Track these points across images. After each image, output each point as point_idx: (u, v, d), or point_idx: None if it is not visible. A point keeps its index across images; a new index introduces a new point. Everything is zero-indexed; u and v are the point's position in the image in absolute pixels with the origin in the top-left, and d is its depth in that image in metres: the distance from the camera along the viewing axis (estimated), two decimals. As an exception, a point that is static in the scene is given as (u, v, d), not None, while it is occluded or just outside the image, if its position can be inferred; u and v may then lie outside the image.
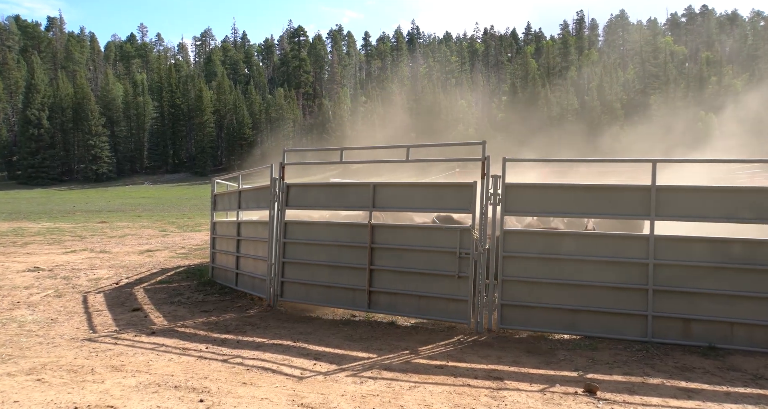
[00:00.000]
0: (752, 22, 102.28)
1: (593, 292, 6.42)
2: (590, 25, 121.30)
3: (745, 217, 6.09)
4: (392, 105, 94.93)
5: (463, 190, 7.05)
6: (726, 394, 4.69)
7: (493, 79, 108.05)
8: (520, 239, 6.77)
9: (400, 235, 7.47)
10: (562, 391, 4.74)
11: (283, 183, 8.34)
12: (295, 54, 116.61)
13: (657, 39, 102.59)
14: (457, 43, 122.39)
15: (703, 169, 9.87)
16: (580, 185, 6.87)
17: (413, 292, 7.17)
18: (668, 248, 6.22)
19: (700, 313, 6.05)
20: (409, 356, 5.74)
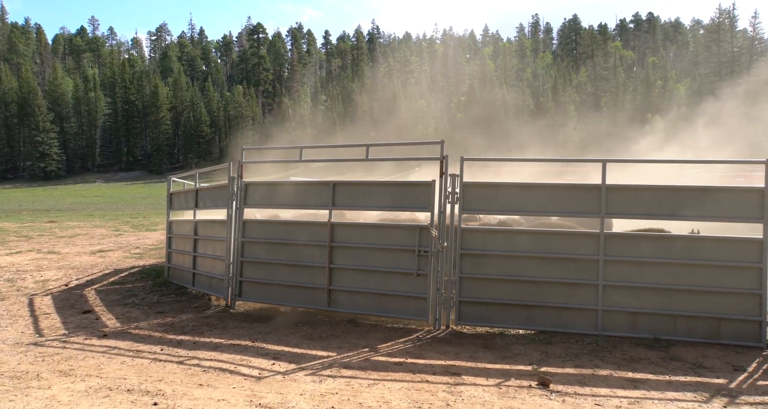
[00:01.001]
0: (693, 30, 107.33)
1: (548, 288, 6.62)
2: (545, 28, 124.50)
3: (687, 214, 6.41)
4: (352, 104, 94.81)
5: (421, 189, 7.13)
6: (668, 382, 4.93)
7: (452, 80, 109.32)
8: (478, 237, 6.91)
9: (359, 233, 7.49)
10: (517, 384, 4.88)
11: (242, 182, 8.24)
12: (255, 51, 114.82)
13: (607, 44, 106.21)
14: (416, 43, 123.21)
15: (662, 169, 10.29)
16: (536, 184, 7.07)
17: (373, 290, 7.21)
18: (617, 244, 6.48)
19: (645, 306, 6.34)
20: (369, 354, 5.77)
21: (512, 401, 4.50)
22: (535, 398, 4.57)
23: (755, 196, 6.18)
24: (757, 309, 6.05)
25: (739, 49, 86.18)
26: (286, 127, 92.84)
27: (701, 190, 6.51)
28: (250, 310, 7.88)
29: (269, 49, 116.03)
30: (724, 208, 6.30)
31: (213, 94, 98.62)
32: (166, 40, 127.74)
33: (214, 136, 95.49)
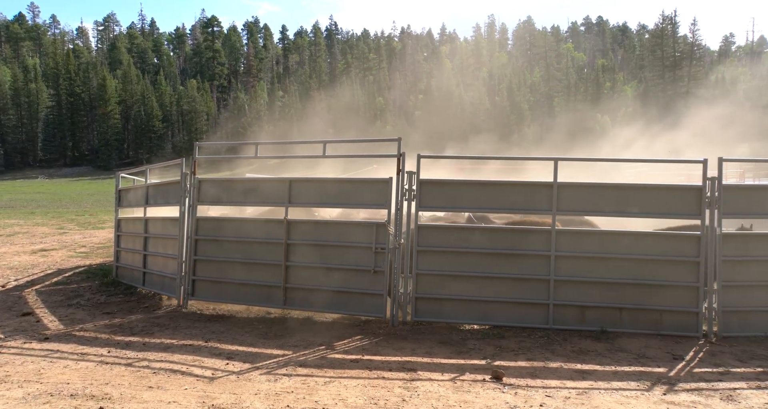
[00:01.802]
0: (639, 34, 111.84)
1: (502, 283, 6.76)
2: (500, 28, 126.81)
3: (633, 211, 6.68)
4: (310, 100, 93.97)
5: (378, 186, 7.15)
6: (614, 373, 5.14)
7: (410, 78, 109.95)
8: (434, 234, 6.98)
9: (316, 230, 7.44)
10: (472, 379, 4.97)
11: (195, 178, 8.03)
12: (209, 45, 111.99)
13: (560, 45, 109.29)
14: (374, 40, 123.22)
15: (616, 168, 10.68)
16: (492, 182, 7.22)
17: (330, 287, 7.18)
18: (567, 240, 6.68)
19: (593, 300, 6.57)
20: (325, 352, 5.75)
21: (466, 395, 4.58)
22: (489, 391, 4.66)
23: (693, 194, 6.50)
24: (695, 301, 6.37)
25: (680, 53, 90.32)
26: (242, 122, 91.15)
27: (645, 188, 6.81)
28: (203, 309, 7.70)
29: (224, 43, 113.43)
30: (666, 204, 6.60)
31: (165, 88, 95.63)
32: (115, 31, 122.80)
33: (166, 132, 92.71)
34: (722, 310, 6.29)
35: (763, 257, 6.45)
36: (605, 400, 4.48)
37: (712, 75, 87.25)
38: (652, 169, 19.94)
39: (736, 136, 35.27)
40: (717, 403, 4.44)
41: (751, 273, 6.42)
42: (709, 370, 5.23)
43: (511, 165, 12.66)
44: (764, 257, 6.45)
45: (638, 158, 16.96)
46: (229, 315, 7.37)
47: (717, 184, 6.40)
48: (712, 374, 5.11)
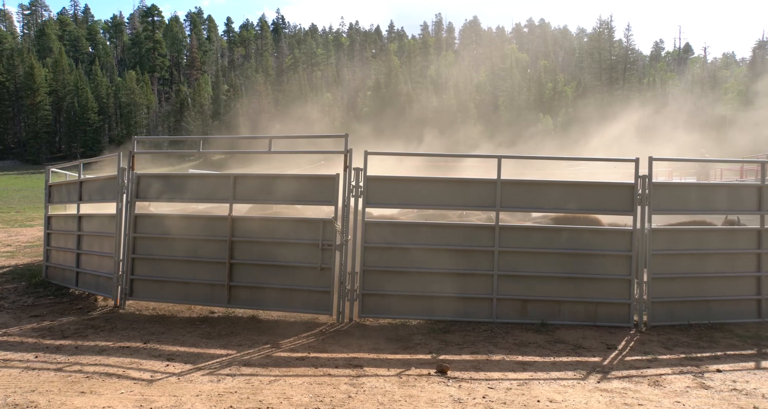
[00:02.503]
0: (578, 37, 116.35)
1: (447, 279, 6.87)
2: (447, 28, 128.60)
3: (571, 207, 6.95)
4: (257, 95, 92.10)
5: (325, 183, 7.10)
6: (553, 363, 5.33)
7: (358, 74, 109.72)
8: (381, 231, 7.01)
9: (261, 227, 7.31)
10: (417, 373, 5.03)
11: (133, 173, 7.70)
12: (149, 35, 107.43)
13: (504, 45, 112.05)
14: (323, 35, 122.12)
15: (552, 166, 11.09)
16: (438, 179, 7.31)
17: (276, 285, 7.08)
18: (510, 236, 6.87)
19: (534, 294, 6.80)
20: (270, 350, 5.66)
21: (412, 389, 4.63)
22: (434, 385, 4.73)
23: (626, 191, 6.84)
24: (627, 293, 6.71)
25: (616, 57, 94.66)
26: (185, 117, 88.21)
27: (583, 185, 7.11)
28: (142, 310, 7.41)
29: (166, 34, 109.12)
30: (602, 201, 6.90)
31: (101, 78, 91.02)
32: (43, 17, 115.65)
33: (103, 125, 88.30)
34: (651, 301, 6.65)
35: (688, 251, 6.86)
36: (544, 390, 4.64)
37: (644, 78, 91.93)
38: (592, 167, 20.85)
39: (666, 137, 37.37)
40: (645, 388, 4.70)
41: (677, 266, 6.83)
42: (639, 358, 5.53)
43: (460, 162, 12.91)
44: (689, 250, 6.87)
45: (575, 157, 17.69)
46: (170, 315, 7.13)
47: (647, 181, 6.75)
48: (641, 362, 5.40)
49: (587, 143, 34.74)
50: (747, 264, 7.04)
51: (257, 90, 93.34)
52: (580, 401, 4.41)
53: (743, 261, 7.05)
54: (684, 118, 46.74)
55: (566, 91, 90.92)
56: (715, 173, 19.50)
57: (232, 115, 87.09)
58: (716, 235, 7.12)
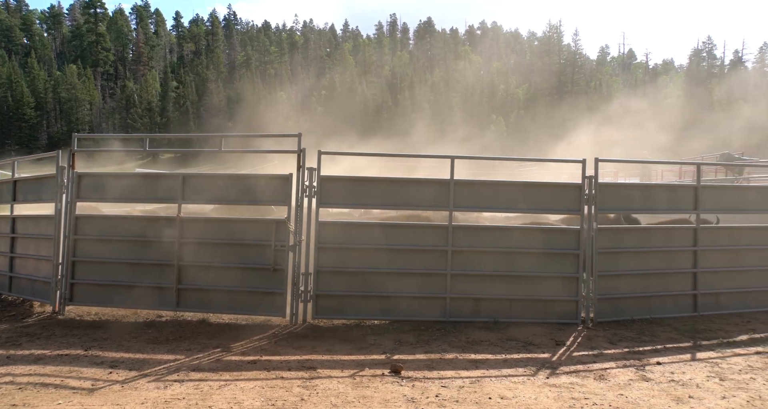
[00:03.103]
0: (529, 41, 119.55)
1: (402, 279, 6.88)
2: (402, 28, 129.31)
3: (523, 207, 7.11)
4: (207, 92, 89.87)
5: (278, 182, 6.98)
6: (504, 361, 5.44)
7: (312, 73, 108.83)
8: (334, 231, 6.95)
9: (212, 228, 7.11)
10: (371, 374, 5.01)
11: (74, 172, 7.33)
12: (91, 28, 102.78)
13: (458, 47, 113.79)
14: (276, 33, 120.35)
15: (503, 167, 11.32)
16: (392, 179, 7.30)
17: (227, 287, 6.90)
18: (463, 236, 6.95)
19: (487, 293, 6.90)
20: (221, 354, 5.51)
21: (366, 390, 4.61)
22: (387, 385, 4.73)
23: (574, 191, 7.04)
24: (575, 291, 6.92)
25: (564, 61, 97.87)
26: (132, 114, 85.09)
27: (533, 185, 7.29)
28: (83, 315, 7.07)
29: (109, 27, 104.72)
30: (552, 201, 7.09)
31: (38, 72, 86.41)
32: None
33: (40, 121, 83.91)
34: (597, 297, 6.89)
35: (632, 249, 7.14)
36: (496, 387, 4.72)
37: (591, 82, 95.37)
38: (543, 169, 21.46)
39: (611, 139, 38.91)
40: (591, 382, 4.85)
41: (622, 263, 7.09)
42: (586, 353, 5.71)
43: (421, 162, 12.95)
44: (632, 248, 7.15)
45: (526, 158, 18.13)
46: (114, 321, 6.83)
47: (594, 182, 6.98)
48: (588, 357, 5.58)
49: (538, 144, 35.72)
50: (684, 261, 7.39)
51: (208, 87, 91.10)
52: (530, 396, 4.51)
53: (681, 258, 7.39)
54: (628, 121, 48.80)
55: (518, 94, 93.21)
56: (657, 174, 20.44)
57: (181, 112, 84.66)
58: (657, 233, 7.45)
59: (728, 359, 5.59)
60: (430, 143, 48.64)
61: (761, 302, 7.67)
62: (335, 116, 79.21)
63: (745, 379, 4.99)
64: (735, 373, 5.16)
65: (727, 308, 7.44)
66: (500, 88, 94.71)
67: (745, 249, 7.67)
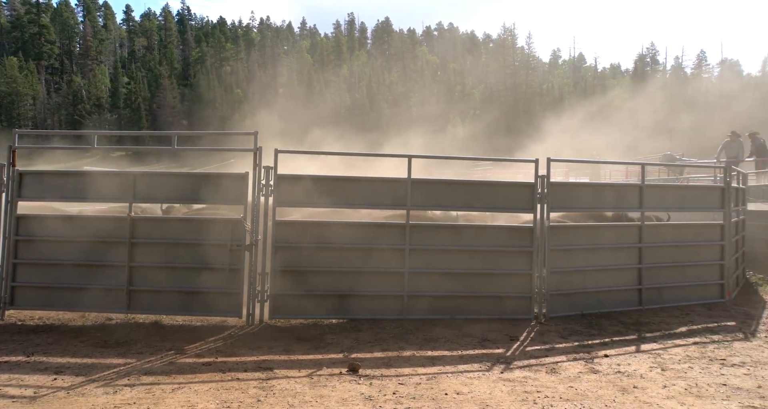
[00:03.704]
0: (485, 43, 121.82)
1: (360, 277, 6.90)
2: (360, 27, 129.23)
3: (479, 206, 7.26)
4: (161, 89, 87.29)
5: (234, 181, 6.87)
6: (460, 357, 5.54)
7: (270, 70, 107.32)
8: (292, 230, 6.89)
9: (166, 228, 6.93)
10: (329, 373, 5.01)
11: (14, 170, 6.99)
12: (33, 19, 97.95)
13: (416, 48, 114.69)
14: (232, 30, 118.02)
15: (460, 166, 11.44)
16: (349, 177, 7.29)
17: (181, 288, 6.74)
18: (420, 234, 7.02)
19: (444, 290, 7.00)
20: (174, 357, 5.38)
21: (323, 389, 4.61)
22: (345, 384, 4.74)
23: (528, 190, 7.24)
24: (529, 287, 7.11)
25: (519, 63, 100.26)
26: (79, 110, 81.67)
27: (489, 184, 7.46)
28: (26, 320, 6.75)
29: (54, 19, 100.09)
30: (506, 200, 7.26)
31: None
32: None
33: (-22, 116, 79.49)
34: (550, 293, 7.10)
35: (582, 246, 7.39)
36: (452, 383, 4.80)
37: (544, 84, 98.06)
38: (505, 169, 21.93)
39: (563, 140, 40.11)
40: (543, 376, 5.01)
41: (572, 260, 7.33)
42: (539, 347, 5.88)
43: (384, 162, 12.96)
44: (582, 245, 7.40)
45: (482, 157, 18.52)
46: (59, 325, 6.56)
47: (546, 181, 7.19)
48: (540, 351, 5.75)
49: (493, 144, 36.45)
50: (630, 257, 7.71)
51: (161, 83, 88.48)
52: (484, 391, 4.61)
53: (627, 254, 7.71)
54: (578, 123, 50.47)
55: (474, 94, 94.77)
56: (605, 174, 21.22)
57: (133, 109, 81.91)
58: (606, 231, 7.75)
59: (669, 350, 5.88)
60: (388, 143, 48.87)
61: (699, 295, 8.12)
62: (293, 115, 78.41)
63: (684, 368, 5.27)
64: (675, 363, 5.43)
65: (668, 302, 7.82)
66: (457, 89, 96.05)
67: (685, 245, 8.09)
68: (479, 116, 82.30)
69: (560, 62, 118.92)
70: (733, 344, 6.11)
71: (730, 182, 8.48)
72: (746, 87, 76.51)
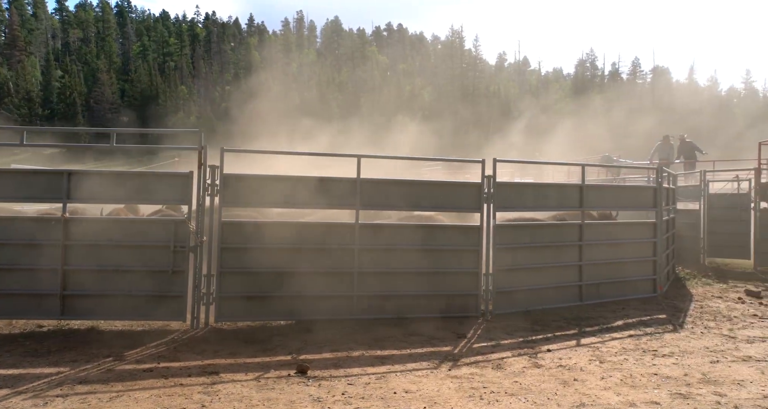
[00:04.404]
0: (433, 44, 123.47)
1: (309, 278, 6.81)
2: (309, 26, 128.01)
3: (426, 205, 7.33)
4: (98, 83, 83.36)
5: (178, 181, 6.65)
6: (409, 355, 5.59)
7: (216, 67, 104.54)
8: (240, 231, 6.74)
9: (103, 229, 6.61)
10: (276, 375, 4.93)
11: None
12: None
13: (365, 47, 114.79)
14: (176, 24, 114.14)
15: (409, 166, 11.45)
16: (298, 177, 7.19)
17: (121, 292, 6.45)
18: (369, 234, 7.02)
19: (393, 290, 7.04)
20: (113, 364, 5.15)
21: (270, 392, 4.53)
22: (293, 386, 4.68)
23: (475, 190, 7.38)
24: (476, 285, 7.26)
25: (466, 65, 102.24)
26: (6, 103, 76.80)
27: (436, 184, 7.56)
28: (-53, 329, 6.29)
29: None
30: (453, 199, 7.38)
31: None
32: None
33: None
34: (495, 291, 7.27)
35: (526, 244, 7.61)
36: (401, 381, 4.84)
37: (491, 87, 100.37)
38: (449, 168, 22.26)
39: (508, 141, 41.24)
40: (489, 372, 5.13)
41: (517, 258, 7.54)
42: (485, 344, 6.02)
43: (346, 162, 12.76)
44: (528, 244, 7.63)
45: (429, 157, 18.77)
46: (-16, 333, 6.14)
47: (492, 181, 7.36)
48: (486, 348, 5.89)
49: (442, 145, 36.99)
50: (572, 255, 8.02)
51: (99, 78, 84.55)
52: (433, 389, 4.67)
53: (569, 252, 8.01)
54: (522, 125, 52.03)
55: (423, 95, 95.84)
56: (549, 174, 21.96)
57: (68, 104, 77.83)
58: (549, 230, 8.01)
59: (607, 343, 6.16)
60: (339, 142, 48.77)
61: (634, 290, 8.55)
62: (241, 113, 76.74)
63: (620, 360, 5.53)
64: (612, 355, 5.69)
65: (607, 297, 8.18)
66: (406, 90, 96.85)
67: (621, 243, 8.49)
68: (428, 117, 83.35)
69: (506, 65, 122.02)
70: (663, 336, 6.46)
71: (662, 183, 8.97)
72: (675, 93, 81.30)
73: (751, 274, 10.96)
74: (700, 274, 10.82)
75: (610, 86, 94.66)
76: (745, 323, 7.14)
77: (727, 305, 8.28)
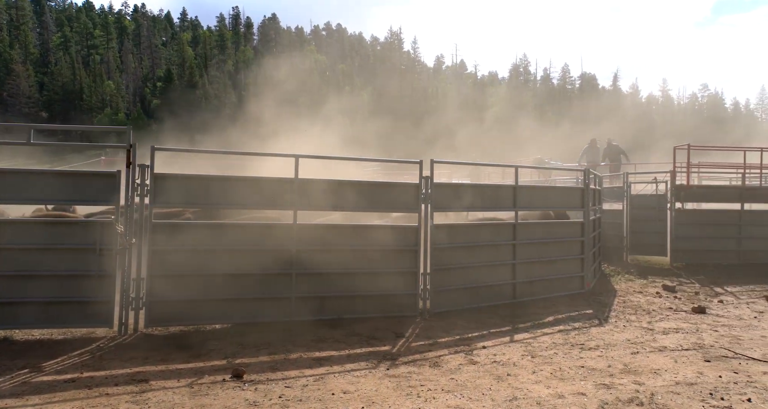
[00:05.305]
0: (372, 45, 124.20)
1: (244, 280, 6.65)
2: (246, 22, 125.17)
3: (365, 206, 7.34)
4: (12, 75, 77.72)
5: (104, 180, 6.31)
6: (348, 356, 5.57)
7: (146, 63, 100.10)
8: (170, 232, 6.48)
9: (19, 231, 6.16)
10: (211, 380, 4.78)
11: None
12: None
13: (304, 46, 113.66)
14: (101, 15, 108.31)
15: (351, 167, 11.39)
16: (233, 177, 7.01)
17: (39, 298, 6.03)
18: (308, 235, 6.94)
19: (332, 290, 7.00)
20: (29, 375, 4.81)
21: (204, 398, 4.39)
22: (229, 391, 4.56)
23: (413, 190, 7.48)
24: (414, 285, 7.35)
25: (405, 67, 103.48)
26: None
27: (373, 185, 7.59)
28: None
29: None
30: (392, 200, 7.44)
31: None
32: None
33: None
34: (433, 290, 7.39)
35: (463, 244, 7.78)
36: (339, 382, 4.82)
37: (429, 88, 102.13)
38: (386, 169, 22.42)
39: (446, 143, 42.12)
40: (427, 370, 5.21)
41: (455, 258, 7.70)
42: (423, 343, 6.10)
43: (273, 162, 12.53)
44: (464, 244, 7.79)
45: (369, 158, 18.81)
46: None
47: (430, 182, 7.48)
48: (424, 346, 5.97)
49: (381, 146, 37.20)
50: (506, 254, 8.28)
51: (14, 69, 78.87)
52: (371, 388, 4.69)
53: (503, 251, 8.27)
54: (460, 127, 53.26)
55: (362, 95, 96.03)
56: (485, 175, 22.59)
57: (-21, 97, 72.06)
58: (486, 229, 8.23)
59: (538, 338, 6.41)
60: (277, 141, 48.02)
61: (564, 286, 8.96)
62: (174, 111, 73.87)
63: (550, 354, 5.77)
64: (543, 350, 5.93)
65: (538, 294, 8.51)
66: (346, 90, 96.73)
67: (552, 242, 8.87)
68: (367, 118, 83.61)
69: (444, 68, 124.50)
70: (590, 330, 6.81)
71: (589, 184, 9.45)
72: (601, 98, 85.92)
73: (668, 270, 11.76)
74: (624, 271, 11.49)
75: (543, 91, 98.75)
76: (662, 316, 7.66)
77: (647, 299, 8.84)
